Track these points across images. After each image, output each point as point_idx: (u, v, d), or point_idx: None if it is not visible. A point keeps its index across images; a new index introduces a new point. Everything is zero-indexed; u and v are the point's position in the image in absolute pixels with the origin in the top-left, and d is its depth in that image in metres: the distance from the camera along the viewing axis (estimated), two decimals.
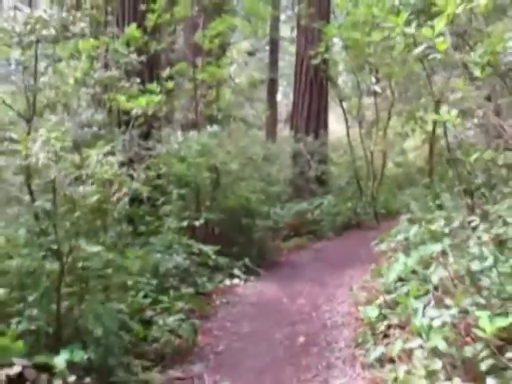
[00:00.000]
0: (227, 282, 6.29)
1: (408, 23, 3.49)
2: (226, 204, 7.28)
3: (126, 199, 4.50)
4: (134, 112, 6.59)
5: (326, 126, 13.55)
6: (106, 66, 7.22)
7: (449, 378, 2.68)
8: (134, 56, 7.06)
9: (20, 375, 2.80)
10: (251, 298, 5.82)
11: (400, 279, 4.24)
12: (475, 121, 5.10)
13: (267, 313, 5.28)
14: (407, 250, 4.47)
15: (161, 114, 7.48)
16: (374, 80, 13.42)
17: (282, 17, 22.36)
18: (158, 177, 7.04)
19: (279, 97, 26.04)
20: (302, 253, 8.29)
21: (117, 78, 6.24)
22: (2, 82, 6.27)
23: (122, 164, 4.63)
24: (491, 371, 2.56)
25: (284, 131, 20.14)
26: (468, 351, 2.70)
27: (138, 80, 6.87)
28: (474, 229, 3.67)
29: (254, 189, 8.18)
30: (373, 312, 4.07)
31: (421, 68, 7.64)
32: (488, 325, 2.53)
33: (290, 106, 15.63)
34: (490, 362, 2.58)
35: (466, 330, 2.88)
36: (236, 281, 6.36)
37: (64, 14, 4.97)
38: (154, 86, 6.95)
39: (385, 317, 3.98)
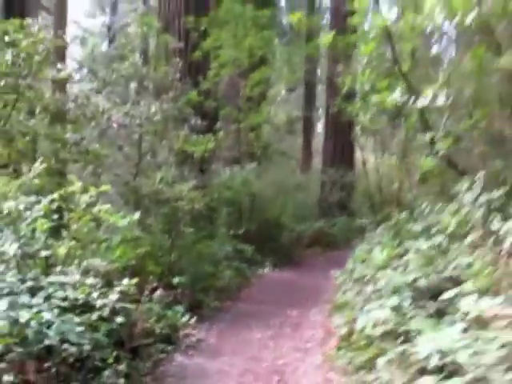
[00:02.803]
0: (259, 271, 9.68)
1: None
2: (259, 219, 10.72)
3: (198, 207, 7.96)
4: (195, 155, 10.17)
5: (350, 160, 16.91)
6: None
7: None
8: (192, 114, 10.63)
9: (155, 288, 6.24)
10: (275, 279, 9.21)
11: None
12: None
13: (283, 286, 8.65)
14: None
15: (212, 152, 11.05)
16: None
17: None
18: (212, 200, 10.53)
19: (320, 129, 29.62)
20: (317, 257, 11.60)
21: (184, 135, 9.74)
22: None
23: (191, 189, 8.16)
24: None
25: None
26: None
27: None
28: None
29: (283, 209, 11.62)
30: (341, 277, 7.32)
31: None
32: None
33: None
34: None
35: None
36: (266, 270, 9.76)
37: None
38: (209, 137, 10.52)
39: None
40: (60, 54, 9.48)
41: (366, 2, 7.86)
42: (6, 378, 3.43)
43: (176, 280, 6.22)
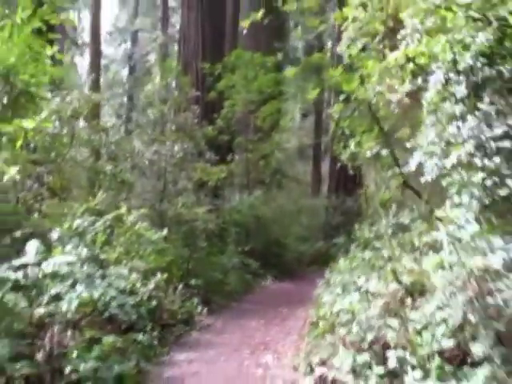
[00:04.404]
0: (263, 282, 11.82)
1: None
2: (264, 239, 12.89)
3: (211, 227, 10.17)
4: (210, 183, 12.44)
5: (352, 188, 19.06)
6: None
7: None
8: (207, 149, 12.91)
9: (177, 286, 8.38)
10: (274, 289, 11.35)
11: None
12: None
13: (280, 293, 10.78)
14: None
15: (225, 180, 13.31)
16: None
17: None
18: (223, 221, 12.74)
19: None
20: (315, 273, 13.63)
21: (201, 167, 12.02)
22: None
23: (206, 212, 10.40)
24: None
25: None
26: None
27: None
28: None
29: (287, 231, 13.80)
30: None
31: None
32: None
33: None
34: None
35: None
36: (268, 282, 11.90)
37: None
38: (222, 167, 12.79)
39: None
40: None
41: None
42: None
43: (193, 281, 8.41)
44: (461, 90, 3.54)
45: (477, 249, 3.15)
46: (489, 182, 3.23)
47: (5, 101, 6.10)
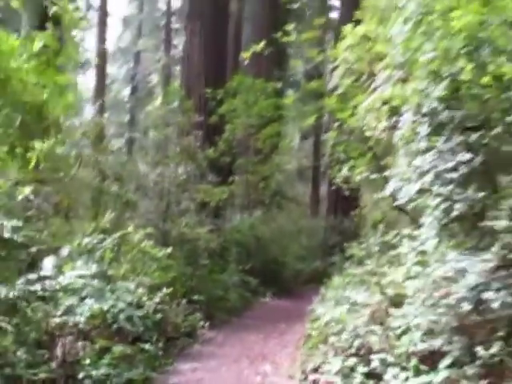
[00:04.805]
0: (262, 299, 12.27)
1: None
2: (264, 258, 13.36)
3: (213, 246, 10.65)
4: (211, 203, 12.96)
5: (349, 209, 19.58)
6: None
7: None
8: (208, 171, 13.45)
9: (180, 301, 8.86)
10: (273, 305, 11.79)
11: None
12: None
13: (278, 310, 11.23)
14: None
15: (226, 201, 13.83)
16: None
17: None
18: (224, 241, 13.24)
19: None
20: (312, 291, 14.08)
21: (205, 188, 12.56)
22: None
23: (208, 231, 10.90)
24: None
25: None
26: None
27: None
28: None
29: (286, 250, 14.29)
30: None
31: None
32: None
33: None
34: None
35: None
36: (267, 299, 12.35)
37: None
38: (223, 188, 13.31)
39: None
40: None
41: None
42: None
43: (195, 297, 8.87)
44: (424, 130, 4.20)
45: (436, 260, 3.71)
46: (443, 206, 3.83)
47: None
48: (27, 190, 6.58)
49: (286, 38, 10.79)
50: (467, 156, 3.92)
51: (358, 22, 6.71)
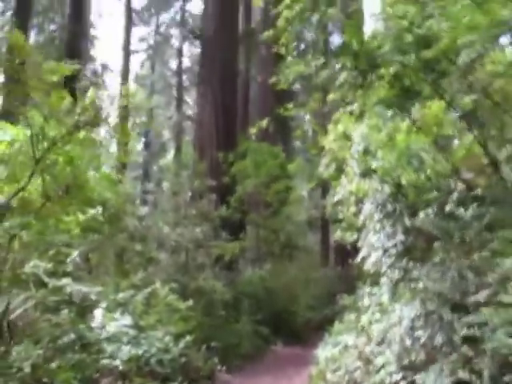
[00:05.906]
0: (273, 347, 13.48)
1: None
2: (274, 308, 14.64)
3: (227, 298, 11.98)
4: (225, 257, 14.38)
5: (352, 259, 20.89)
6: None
7: None
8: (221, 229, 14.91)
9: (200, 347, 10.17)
10: (283, 352, 13.01)
11: None
12: None
13: (288, 356, 12.44)
14: None
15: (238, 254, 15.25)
16: None
17: None
18: (237, 293, 14.55)
19: None
20: (320, 336, 15.29)
21: (219, 244, 13.98)
22: None
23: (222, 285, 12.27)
24: None
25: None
26: None
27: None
28: None
29: (296, 299, 15.58)
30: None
31: None
32: None
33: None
34: None
35: None
36: (278, 346, 13.57)
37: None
38: (235, 243, 14.73)
39: None
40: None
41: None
42: None
43: (213, 344, 10.17)
44: (377, 216, 5.72)
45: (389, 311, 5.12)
46: (390, 271, 5.29)
47: None
48: (75, 254, 8.05)
49: (287, 113, 12.42)
50: (402, 237, 5.39)
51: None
